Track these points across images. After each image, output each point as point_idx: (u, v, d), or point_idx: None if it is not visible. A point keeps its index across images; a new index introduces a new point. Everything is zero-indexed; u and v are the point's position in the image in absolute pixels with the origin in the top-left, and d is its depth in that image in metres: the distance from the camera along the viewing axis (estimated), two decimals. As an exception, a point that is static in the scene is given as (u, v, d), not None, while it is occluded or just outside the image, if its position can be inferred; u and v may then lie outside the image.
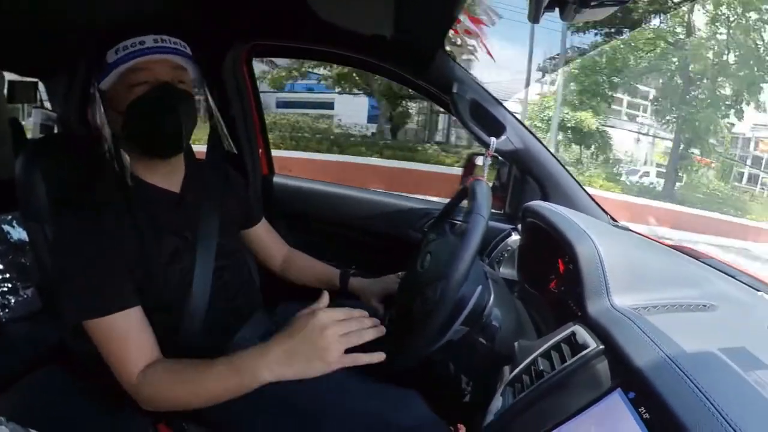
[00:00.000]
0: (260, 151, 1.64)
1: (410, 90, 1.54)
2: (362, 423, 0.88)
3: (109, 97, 0.88)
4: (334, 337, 0.74)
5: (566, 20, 0.60)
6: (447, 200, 1.17)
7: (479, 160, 1.40)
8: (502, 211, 1.53)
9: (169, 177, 0.98)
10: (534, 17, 0.61)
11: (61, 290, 0.83)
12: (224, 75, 1.43)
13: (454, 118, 1.30)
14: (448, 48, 1.30)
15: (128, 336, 0.82)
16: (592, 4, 0.55)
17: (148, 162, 0.93)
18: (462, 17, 1.24)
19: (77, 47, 1.00)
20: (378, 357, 0.77)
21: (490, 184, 1.49)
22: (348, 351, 0.75)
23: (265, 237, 1.26)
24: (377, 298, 1.17)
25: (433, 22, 1.09)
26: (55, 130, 1.36)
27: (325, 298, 0.81)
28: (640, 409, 0.60)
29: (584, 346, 0.75)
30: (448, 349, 0.91)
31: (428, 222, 1.49)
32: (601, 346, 0.73)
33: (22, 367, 1.15)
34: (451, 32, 1.22)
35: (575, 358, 0.75)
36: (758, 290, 1.00)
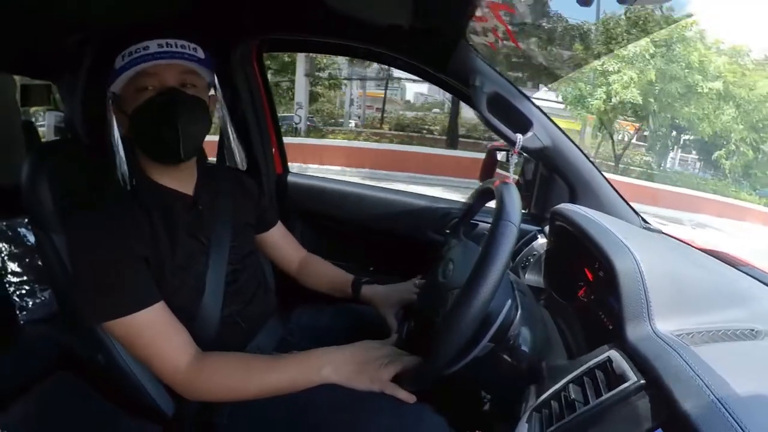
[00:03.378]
0: (273, 150, 1.59)
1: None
2: None
3: (121, 99, 0.89)
4: (388, 364, 0.84)
5: (625, 3, 0.59)
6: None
7: (502, 156, 1.34)
8: (527, 211, 1.44)
9: (181, 180, 0.97)
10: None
11: (83, 293, 0.83)
12: (233, 72, 1.38)
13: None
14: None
15: (163, 330, 0.83)
16: None
17: (159, 165, 0.93)
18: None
19: (82, 48, 0.99)
20: (411, 398, 0.84)
21: (515, 181, 1.41)
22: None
23: (280, 241, 1.25)
24: (393, 308, 1.14)
25: (453, 10, 1.03)
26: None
27: (393, 338, 0.99)
28: None
29: (623, 378, 0.69)
30: (471, 365, 0.85)
31: (450, 223, 1.44)
32: (642, 381, 0.67)
33: (40, 369, 1.16)
34: (474, 22, 1.14)
35: (613, 392, 0.69)
36: None
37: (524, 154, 1.30)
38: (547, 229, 1.25)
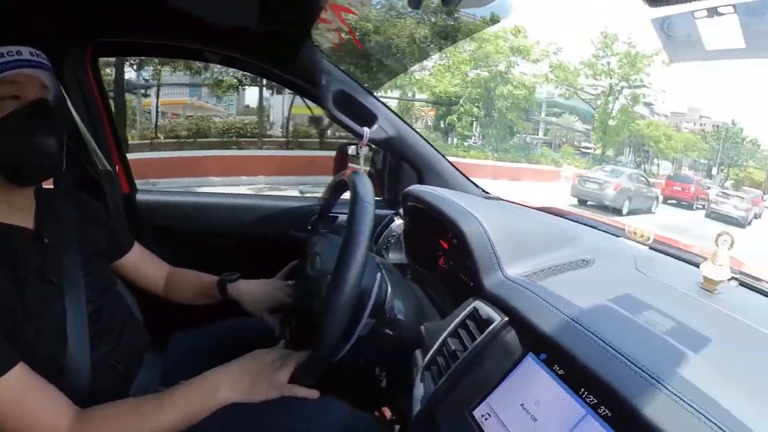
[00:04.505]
0: (117, 167, 1.42)
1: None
2: None
3: None
4: (281, 367, 0.82)
5: (449, 5, 0.60)
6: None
7: (352, 150, 1.40)
8: (381, 198, 1.55)
9: (20, 212, 0.84)
10: (415, 2, 0.60)
11: None
12: (65, 81, 1.20)
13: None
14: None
15: (29, 396, 0.69)
16: None
17: None
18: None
19: None
20: (313, 394, 0.83)
21: (366, 172, 1.51)
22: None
23: (141, 263, 1.14)
24: (265, 307, 1.12)
25: (299, 12, 1.05)
26: None
27: (281, 343, 0.94)
28: (554, 368, 0.67)
29: (489, 321, 0.80)
30: (356, 346, 0.90)
31: (310, 219, 1.46)
32: (506, 318, 0.78)
33: None
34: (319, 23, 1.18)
35: (484, 334, 0.79)
36: (618, 236, 1.17)
37: (372, 145, 1.39)
38: (401, 210, 1.35)
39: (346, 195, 0.96)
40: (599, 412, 0.58)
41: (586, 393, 0.61)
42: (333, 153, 1.49)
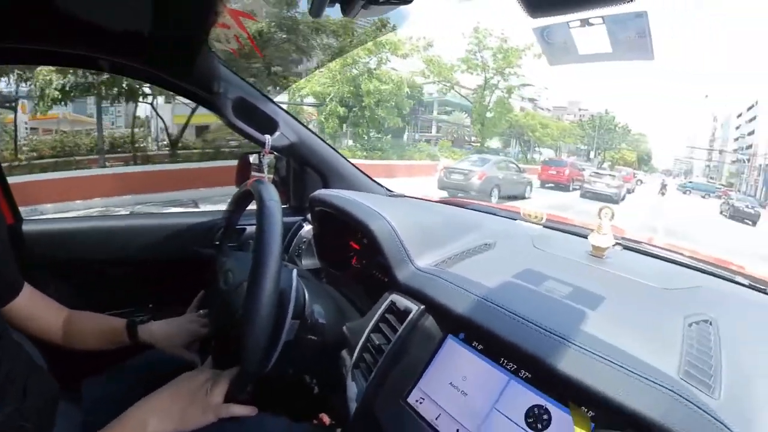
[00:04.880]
0: None
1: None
2: None
3: None
4: (213, 387, 0.80)
5: (348, 16, 0.60)
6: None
7: (254, 159, 1.39)
8: (287, 205, 1.54)
9: None
10: (316, 11, 0.59)
11: None
12: None
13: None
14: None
15: None
16: (381, 1, 0.55)
17: None
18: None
19: None
20: (251, 410, 0.82)
21: (270, 180, 1.50)
22: None
23: (32, 307, 0.99)
24: (181, 345, 1.06)
25: (195, 17, 1.00)
26: None
27: (208, 362, 0.92)
28: (473, 344, 0.74)
29: (407, 311, 0.85)
30: (284, 355, 0.89)
31: (216, 234, 1.41)
32: (422, 306, 0.84)
33: None
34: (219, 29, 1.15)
35: (404, 324, 0.84)
36: (514, 219, 1.30)
37: (275, 153, 1.39)
38: (309, 216, 1.36)
39: (252, 206, 0.94)
40: (520, 376, 0.65)
41: (505, 361, 0.68)
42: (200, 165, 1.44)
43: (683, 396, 0.56)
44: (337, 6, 0.58)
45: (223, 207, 1.17)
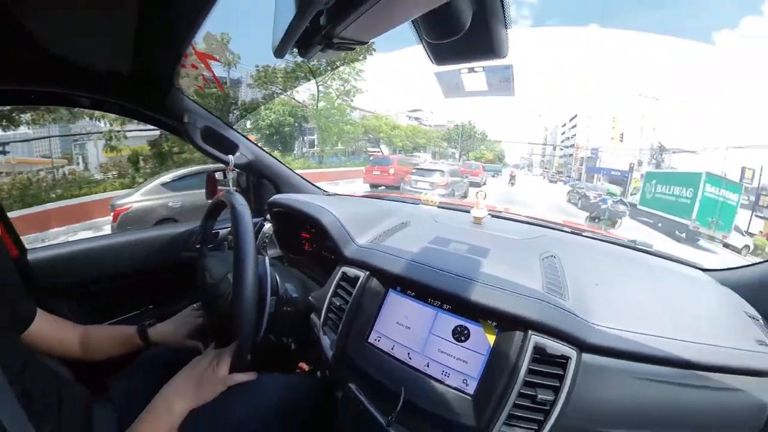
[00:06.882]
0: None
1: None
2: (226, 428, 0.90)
3: None
4: (219, 363, 0.89)
5: (306, 57, 0.62)
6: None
7: (219, 175, 1.56)
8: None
9: None
10: (280, 52, 0.61)
11: None
12: None
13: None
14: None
15: None
16: (336, 46, 0.59)
17: None
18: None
19: None
20: (252, 375, 0.93)
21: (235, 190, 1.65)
22: None
23: (49, 330, 0.99)
24: (187, 338, 1.14)
25: (167, 58, 1.08)
26: None
27: (211, 345, 0.98)
28: (408, 293, 0.91)
29: (356, 278, 0.98)
30: (268, 326, 0.98)
31: (197, 239, 1.52)
32: (367, 272, 0.98)
33: None
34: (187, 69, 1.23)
35: (357, 287, 0.97)
36: (418, 204, 1.58)
37: (237, 169, 1.54)
38: (268, 216, 1.54)
39: (224, 215, 1.06)
40: (444, 308, 0.85)
41: (432, 300, 0.87)
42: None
43: (549, 302, 0.77)
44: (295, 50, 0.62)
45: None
